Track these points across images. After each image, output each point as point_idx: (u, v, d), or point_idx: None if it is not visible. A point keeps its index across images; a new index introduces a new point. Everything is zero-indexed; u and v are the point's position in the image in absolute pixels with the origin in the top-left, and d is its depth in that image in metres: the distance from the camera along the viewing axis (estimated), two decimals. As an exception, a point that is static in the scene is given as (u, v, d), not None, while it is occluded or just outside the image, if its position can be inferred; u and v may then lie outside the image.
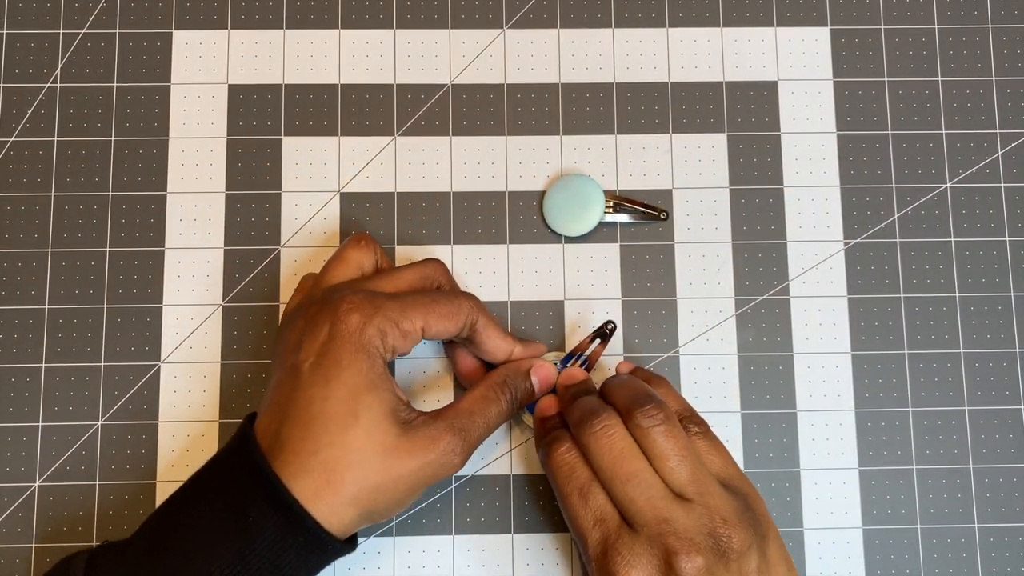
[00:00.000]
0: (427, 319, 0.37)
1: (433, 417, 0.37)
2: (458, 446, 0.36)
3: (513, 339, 0.41)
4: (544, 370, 0.41)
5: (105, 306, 0.45)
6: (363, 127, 0.47)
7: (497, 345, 0.40)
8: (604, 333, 0.43)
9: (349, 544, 0.36)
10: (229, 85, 0.47)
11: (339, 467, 0.34)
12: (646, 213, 0.46)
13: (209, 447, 0.44)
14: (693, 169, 0.47)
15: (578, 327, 0.45)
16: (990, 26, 0.48)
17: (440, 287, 0.41)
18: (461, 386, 0.44)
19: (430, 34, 0.47)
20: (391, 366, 0.44)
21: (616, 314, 0.45)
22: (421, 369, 0.44)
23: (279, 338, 0.39)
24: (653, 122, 0.47)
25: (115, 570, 0.34)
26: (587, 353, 0.42)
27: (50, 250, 0.45)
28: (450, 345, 0.43)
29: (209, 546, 0.33)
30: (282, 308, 0.45)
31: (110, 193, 0.46)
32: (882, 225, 0.46)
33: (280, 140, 0.46)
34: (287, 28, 0.47)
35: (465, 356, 0.42)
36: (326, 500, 0.34)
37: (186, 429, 0.44)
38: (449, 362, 0.44)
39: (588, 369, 0.42)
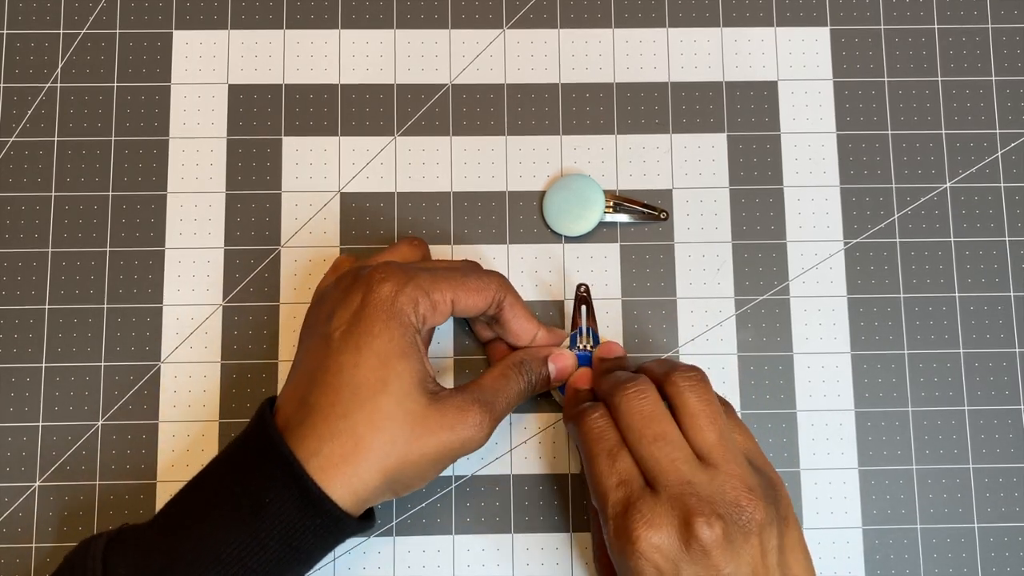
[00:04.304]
0: (456, 292, 0.37)
1: (456, 391, 0.37)
2: (486, 419, 0.37)
3: (538, 323, 0.41)
4: (563, 359, 0.41)
5: (105, 306, 0.45)
6: (363, 127, 0.47)
7: (522, 326, 0.41)
8: (583, 298, 0.43)
9: (365, 521, 0.36)
10: (229, 85, 0.47)
11: (368, 432, 0.34)
12: (646, 213, 0.46)
13: (209, 447, 0.44)
14: (693, 169, 0.47)
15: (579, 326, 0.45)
16: (990, 26, 0.48)
17: None
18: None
19: (430, 34, 0.47)
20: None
21: (616, 314, 0.45)
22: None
23: (309, 313, 0.39)
24: (653, 122, 0.47)
25: (133, 551, 0.34)
26: (584, 322, 0.43)
27: (50, 250, 0.45)
28: (484, 335, 0.43)
29: (225, 528, 0.34)
30: (282, 308, 0.45)
31: (110, 193, 0.46)
32: (882, 225, 0.46)
33: (280, 140, 0.46)
34: (287, 28, 0.47)
35: (499, 347, 0.43)
36: (353, 464, 0.34)
37: (186, 429, 0.44)
38: (450, 363, 0.44)
39: (597, 340, 0.43)
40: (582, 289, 0.43)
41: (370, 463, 0.34)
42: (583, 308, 0.43)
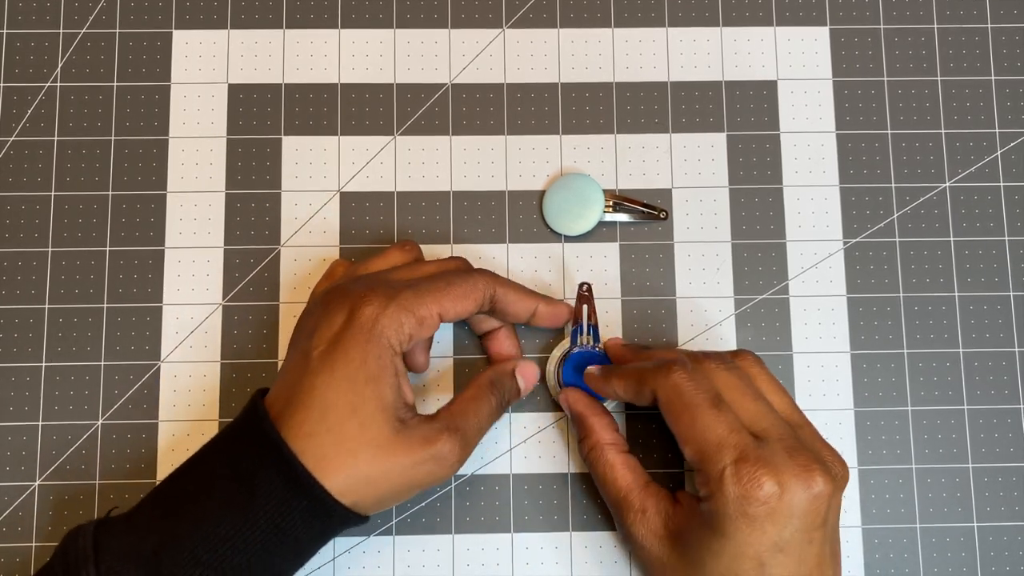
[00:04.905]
0: (442, 303, 0.38)
1: (429, 419, 0.37)
2: (455, 445, 0.37)
3: (535, 297, 0.42)
4: (528, 369, 0.42)
5: (105, 306, 0.45)
6: (363, 127, 0.47)
7: (520, 308, 0.41)
8: (585, 296, 0.43)
9: (355, 515, 0.36)
10: (229, 85, 0.47)
11: (330, 454, 0.35)
12: (646, 212, 0.46)
13: (209, 446, 0.44)
14: (693, 169, 0.47)
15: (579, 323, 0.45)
16: (989, 26, 0.48)
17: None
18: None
19: (430, 34, 0.48)
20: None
21: (616, 313, 0.45)
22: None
23: (299, 321, 0.40)
24: (653, 122, 0.47)
25: (123, 532, 0.35)
26: (586, 320, 0.43)
27: (50, 250, 0.45)
28: (482, 327, 0.43)
29: (217, 508, 0.34)
30: (282, 307, 0.45)
31: (110, 193, 0.46)
32: (881, 224, 0.46)
33: (280, 140, 0.46)
34: (287, 28, 0.47)
35: (497, 342, 0.43)
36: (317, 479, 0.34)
37: (186, 429, 0.44)
38: (450, 363, 0.44)
39: (598, 337, 0.43)
40: (584, 288, 0.43)
41: (332, 483, 0.34)
42: (584, 307, 0.43)
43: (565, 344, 0.44)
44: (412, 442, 0.36)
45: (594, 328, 0.43)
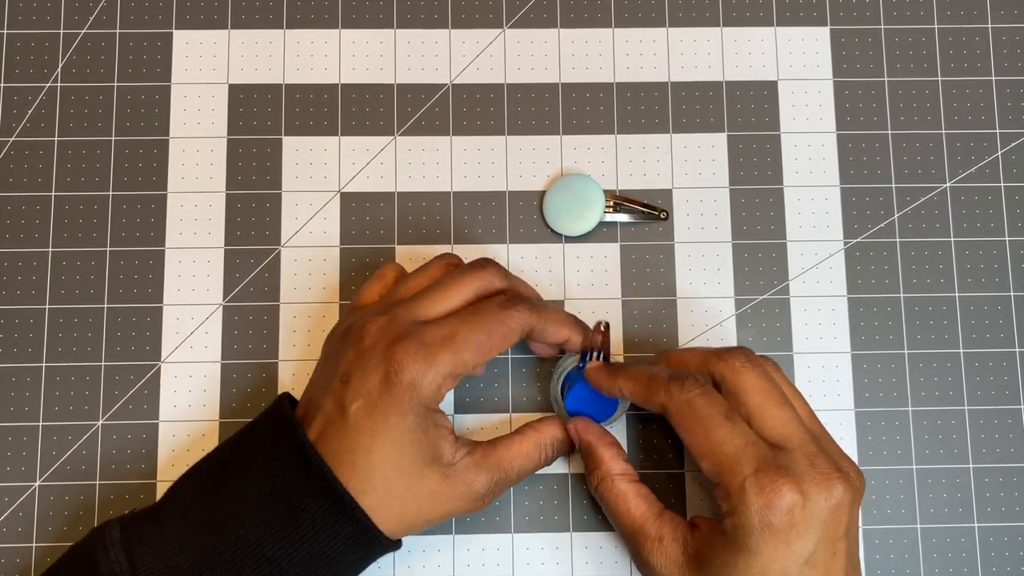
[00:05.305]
0: (479, 355, 0.37)
1: (476, 460, 0.38)
2: (490, 496, 0.38)
3: (569, 327, 0.41)
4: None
5: (105, 306, 0.45)
6: (363, 127, 0.47)
7: (556, 339, 0.40)
8: (602, 332, 0.42)
9: (395, 541, 0.37)
10: (229, 85, 0.47)
11: (379, 509, 0.36)
12: (646, 213, 0.46)
13: (209, 447, 0.43)
14: (693, 169, 0.47)
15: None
16: (990, 26, 0.48)
17: (497, 291, 0.40)
18: (462, 398, 0.44)
19: (430, 34, 0.48)
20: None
21: (616, 314, 0.45)
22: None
23: (336, 332, 0.39)
24: (653, 122, 0.47)
25: (157, 548, 0.35)
26: (599, 346, 0.42)
27: (50, 250, 0.45)
28: None
29: (261, 529, 0.35)
30: (282, 308, 0.45)
31: (110, 193, 0.46)
32: (882, 225, 0.46)
33: (280, 140, 0.46)
34: (287, 28, 0.47)
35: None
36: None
37: (186, 429, 0.44)
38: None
39: (606, 359, 0.42)
40: (602, 326, 0.42)
41: (380, 523, 0.36)
42: (599, 339, 0.42)
43: (569, 360, 0.43)
44: (457, 485, 0.37)
45: (604, 359, 0.42)
